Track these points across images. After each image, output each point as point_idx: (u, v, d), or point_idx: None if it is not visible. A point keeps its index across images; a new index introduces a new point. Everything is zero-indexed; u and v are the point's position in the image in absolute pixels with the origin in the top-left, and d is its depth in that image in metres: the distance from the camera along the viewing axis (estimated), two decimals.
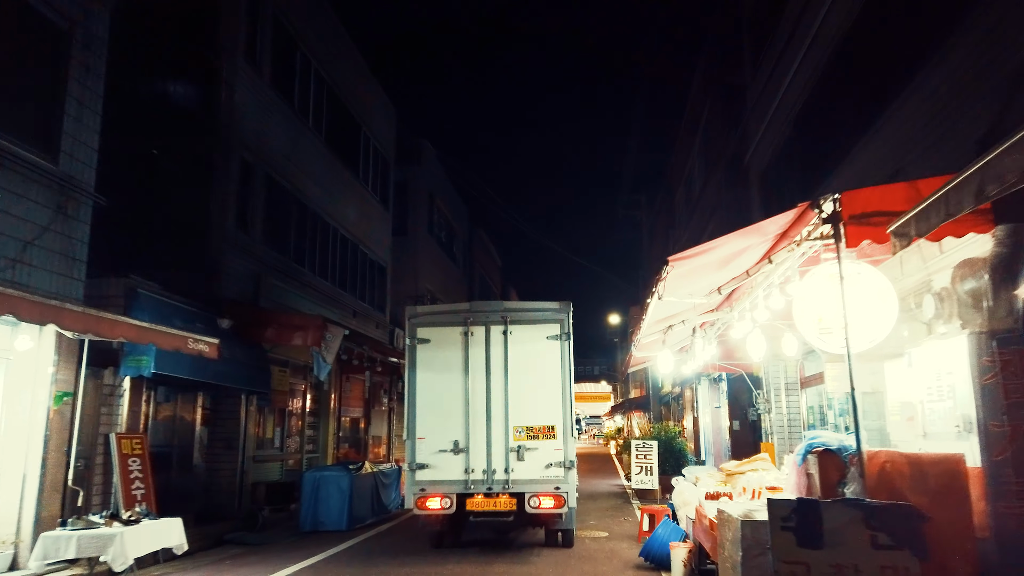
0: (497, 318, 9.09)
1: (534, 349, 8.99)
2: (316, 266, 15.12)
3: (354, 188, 17.74)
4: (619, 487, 18.49)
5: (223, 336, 10.58)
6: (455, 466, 8.77)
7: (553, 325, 9.07)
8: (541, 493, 8.67)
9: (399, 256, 23.76)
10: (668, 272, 5.16)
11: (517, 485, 8.71)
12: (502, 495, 8.73)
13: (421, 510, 8.74)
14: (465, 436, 8.84)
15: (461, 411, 8.89)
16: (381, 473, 12.64)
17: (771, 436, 12.85)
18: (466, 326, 9.06)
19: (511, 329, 9.05)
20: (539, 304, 9.26)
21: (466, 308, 9.41)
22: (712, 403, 21.47)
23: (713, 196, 18.28)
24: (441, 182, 27.59)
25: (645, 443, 14.84)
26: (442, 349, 9.06)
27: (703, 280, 6.03)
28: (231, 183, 11.57)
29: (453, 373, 8.99)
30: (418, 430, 8.98)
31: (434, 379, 9.01)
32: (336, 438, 15.71)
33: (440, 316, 9.36)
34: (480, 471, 8.77)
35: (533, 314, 9.16)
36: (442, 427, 8.88)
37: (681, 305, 7.11)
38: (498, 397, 8.92)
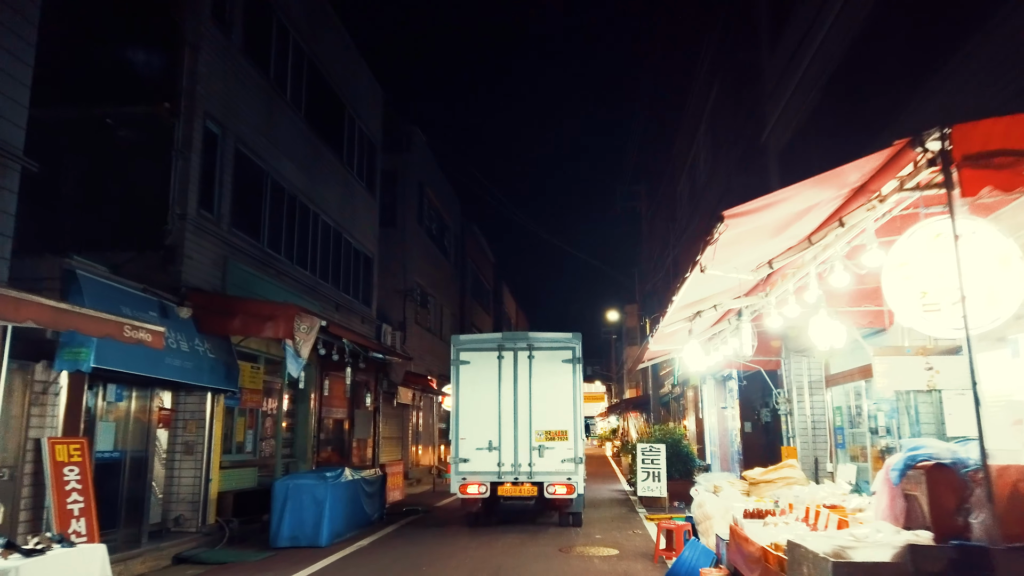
0: (523, 345, 11.62)
1: (552, 369, 11.45)
2: (294, 253, 13.89)
3: (337, 172, 16.51)
4: (621, 493, 17.32)
5: (182, 328, 9.35)
6: (489, 460, 11.20)
7: (567, 351, 11.54)
8: (557, 483, 11.00)
9: (388, 248, 22.54)
10: (720, 233, 3.98)
11: (538, 476, 11.12)
12: (526, 484, 11.12)
13: (463, 494, 11.20)
14: (497, 437, 11.27)
15: (495, 417, 11.32)
16: (363, 480, 11.42)
17: (793, 440, 11.70)
18: (499, 351, 11.57)
19: (534, 354, 11.57)
20: (556, 335, 11.77)
21: (499, 337, 11.91)
22: (718, 403, 20.33)
23: (721, 182, 17.15)
24: (432, 172, 26.38)
25: (652, 447, 13.68)
26: (480, 369, 11.54)
27: (751, 252, 4.88)
28: (193, 156, 10.32)
29: (488, 388, 11.45)
30: (461, 432, 11.37)
31: (473, 392, 11.49)
32: (316, 441, 14.48)
33: (478, 343, 11.91)
34: (509, 464, 11.18)
35: (551, 342, 11.61)
36: (479, 430, 11.31)
37: (713, 286, 5.94)
38: (523, 407, 11.38)
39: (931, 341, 7.36)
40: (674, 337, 8.22)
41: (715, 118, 18.02)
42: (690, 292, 5.62)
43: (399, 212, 23.22)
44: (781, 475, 9.53)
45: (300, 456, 14.07)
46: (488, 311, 41.44)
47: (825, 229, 4.51)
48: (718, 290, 6.07)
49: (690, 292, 5.62)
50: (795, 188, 3.87)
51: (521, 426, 11.31)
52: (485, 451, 11.23)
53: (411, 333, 22.86)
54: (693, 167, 21.42)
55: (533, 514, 11.54)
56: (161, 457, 10.23)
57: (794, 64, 11.26)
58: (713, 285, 5.74)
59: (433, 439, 25.75)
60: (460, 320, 32.29)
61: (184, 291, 9.86)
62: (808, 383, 11.62)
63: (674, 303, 5.84)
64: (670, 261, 25.89)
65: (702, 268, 4.50)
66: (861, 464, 10.64)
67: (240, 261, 11.65)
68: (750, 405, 15.87)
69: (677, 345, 10.07)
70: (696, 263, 4.56)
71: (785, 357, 12.01)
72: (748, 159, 14.72)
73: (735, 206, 3.99)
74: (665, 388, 28.01)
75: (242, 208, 11.87)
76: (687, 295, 5.71)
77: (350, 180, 17.40)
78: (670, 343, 9.38)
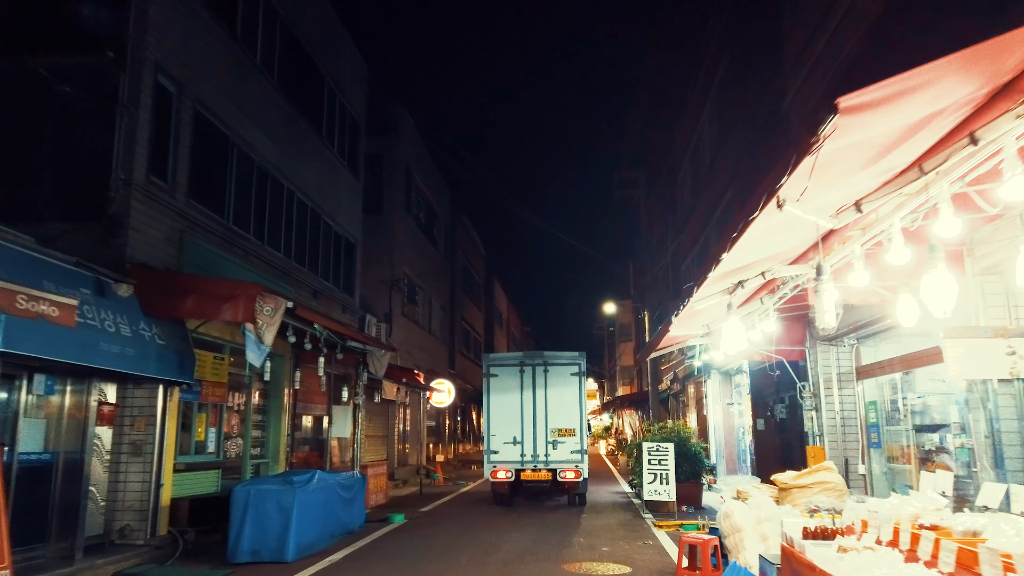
0: (540, 362, 14.24)
1: (562, 381, 14.06)
2: (265, 233, 12.57)
3: (316, 148, 15.19)
4: (622, 496, 16.09)
5: (124, 309, 8.03)
6: (514, 452, 13.77)
7: (574, 366, 14.19)
8: (567, 469, 13.60)
9: (373, 236, 21.24)
10: (826, 137, 2.73)
11: (552, 464, 13.70)
12: (543, 470, 13.70)
13: (494, 479, 13.73)
14: (520, 433, 13.86)
15: (518, 418, 13.91)
16: (339, 484, 10.13)
17: (820, 438, 10.50)
18: (520, 366, 14.20)
19: (548, 369, 14.18)
20: (565, 353, 14.38)
21: (521, 355, 14.62)
22: (723, 399, 19.15)
23: (730, 162, 15.95)
24: (421, 157, 25.07)
25: (659, 446, 12.44)
26: (506, 380, 14.15)
27: (837, 186, 3.64)
28: (142, 114, 9.00)
29: (512, 395, 14.05)
30: (491, 430, 13.97)
31: (501, 399, 14.08)
32: (291, 440, 13.17)
33: (504, 359, 14.64)
34: (529, 455, 13.76)
35: (562, 359, 14.25)
36: (506, 428, 13.90)
37: (768, 245, 4.70)
38: (540, 410, 13.96)
39: (1012, 320, 6.16)
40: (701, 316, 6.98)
41: (723, 94, 16.82)
42: (746, 250, 4.38)
43: (385, 198, 21.93)
44: (817, 480, 8.31)
45: (272, 457, 12.77)
46: (479, 306, 40.17)
47: (946, 151, 3.27)
48: (771, 252, 4.84)
49: (746, 250, 4.38)
50: (933, 67, 2.62)
51: (539, 425, 13.98)
52: (511, 445, 13.90)
53: (398, 325, 21.57)
54: (696, 151, 20.22)
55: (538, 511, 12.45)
56: (103, 459, 8.91)
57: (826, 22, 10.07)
58: (768, 244, 4.52)
59: (421, 438, 24.46)
60: (450, 314, 31.01)
61: (128, 268, 8.54)
62: (837, 375, 10.43)
63: (719, 266, 4.59)
64: (671, 253, 24.72)
65: (780, 202, 3.26)
66: (898, 466, 9.46)
67: (200, 238, 10.33)
68: (763, 400, 14.68)
69: (695, 331, 8.84)
70: (772, 194, 3.30)
71: (810, 346, 10.82)
72: (763, 133, 13.51)
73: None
74: (664, 384, 26.83)
75: (203, 179, 10.55)
76: (741, 255, 4.47)
77: (330, 158, 16.08)
78: (692, 326, 8.14)
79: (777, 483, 8.35)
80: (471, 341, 36.80)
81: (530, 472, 13.76)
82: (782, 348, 10.90)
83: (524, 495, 15.18)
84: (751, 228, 3.84)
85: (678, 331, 8.14)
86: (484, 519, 12.24)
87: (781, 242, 4.50)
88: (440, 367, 26.95)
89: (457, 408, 32.74)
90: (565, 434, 13.87)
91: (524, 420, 13.95)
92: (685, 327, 7.88)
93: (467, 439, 35.51)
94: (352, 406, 13.36)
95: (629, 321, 48.38)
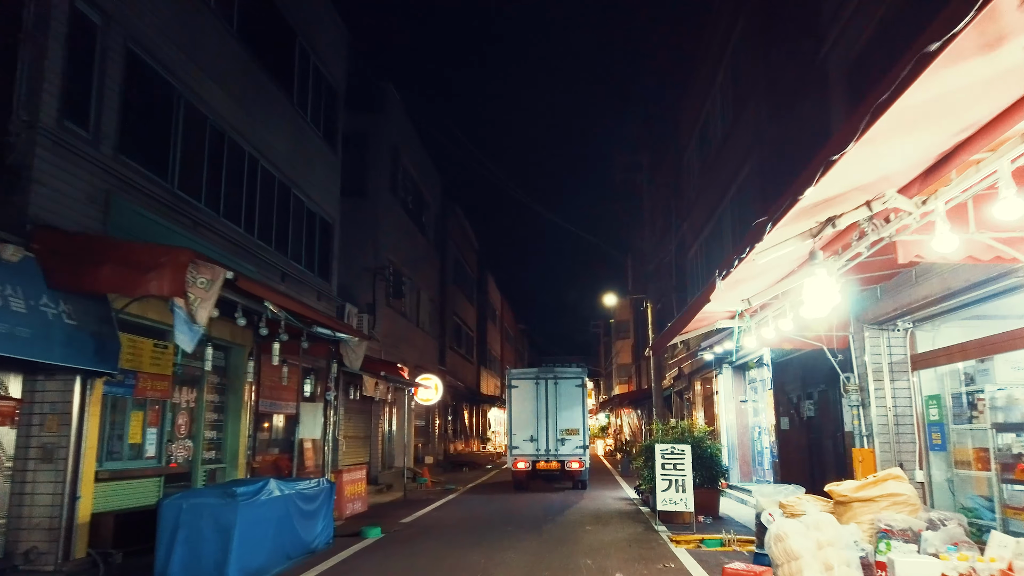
0: (551, 375, 17.84)
1: (568, 391, 17.67)
2: (221, 203, 10.93)
3: (286, 114, 13.56)
4: (628, 503, 14.49)
5: (18, 279, 6.40)
6: (531, 447, 17.31)
7: (578, 379, 17.97)
8: (572, 460, 17.12)
9: (356, 220, 19.60)
10: None
11: (561, 456, 17.22)
12: (553, 461, 17.21)
13: (514, 468, 17.38)
14: (536, 432, 17.35)
15: (534, 420, 17.43)
16: (299, 495, 8.50)
17: (868, 440, 8.93)
18: (536, 379, 17.84)
19: (558, 381, 17.74)
20: (571, 369, 18.44)
21: (536, 370, 18.36)
22: (736, 396, 17.58)
23: (745, 136, 14.38)
24: (408, 138, 23.43)
25: (674, 449, 10.85)
26: (524, 390, 17.70)
27: None
28: (52, 44, 7.34)
29: (530, 402, 17.58)
30: (513, 430, 17.55)
31: (521, 405, 17.63)
32: (252, 442, 11.53)
33: (523, 374, 18.39)
34: (543, 449, 17.26)
35: (568, 374, 17.98)
36: (525, 428, 17.46)
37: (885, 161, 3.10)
38: (552, 414, 17.48)
39: None
40: (776, 266, 5.34)
41: (739, 60, 15.24)
42: (857, 165, 2.77)
43: (370, 180, 20.30)
44: (885, 491, 6.72)
45: (230, 461, 11.13)
46: (471, 301, 38.55)
47: None
48: (878, 172, 3.25)
49: (857, 165, 2.77)
50: None
51: (550, 426, 17.43)
52: (528, 441, 17.38)
53: (382, 317, 19.94)
54: (706, 128, 18.64)
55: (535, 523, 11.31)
56: (3, 466, 7.27)
57: None
58: (893, 149, 2.92)
59: (408, 438, 22.82)
60: (440, 308, 29.38)
61: (30, 229, 6.90)
62: (888, 365, 8.87)
63: (824, 180, 2.94)
64: (675, 244, 23.15)
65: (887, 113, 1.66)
66: (970, 472, 7.89)
67: (134, 201, 8.68)
68: (787, 396, 13.12)
69: (733, 306, 7.24)
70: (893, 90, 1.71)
71: (855, 331, 9.25)
72: (795, 94, 11.93)
73: None
74: (667, 381, 25.26)
75: (138, 131, 8.89)
76: (848, 172, 2.86)
77: (303, 127, 14.43)
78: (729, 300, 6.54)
79: (834, 495, 6.77)
80: (463, 337, 35.17)
81: (543, 463, 17.43)
82: (819, 334, 9.34)
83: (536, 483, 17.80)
84: (888, 115, 2.25)
85: (717, 306, 6.53)
86: (473, 533, 10.64)
87: (902, 152, 2.92)
88: (429, 363, 25.32)
89: (448, 407, 31.12)
90: (571, 433, 17.50)
91: (539, 422, 17.57)
92: (723, 301, 6.28)
93: (459, 439, 33.86)
94: (323, 403, 11.72)
95: (627, 318, 46.82)
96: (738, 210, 15.41)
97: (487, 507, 14.18)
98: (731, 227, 16.06)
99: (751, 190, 14.22)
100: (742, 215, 15.14)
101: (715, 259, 17.95)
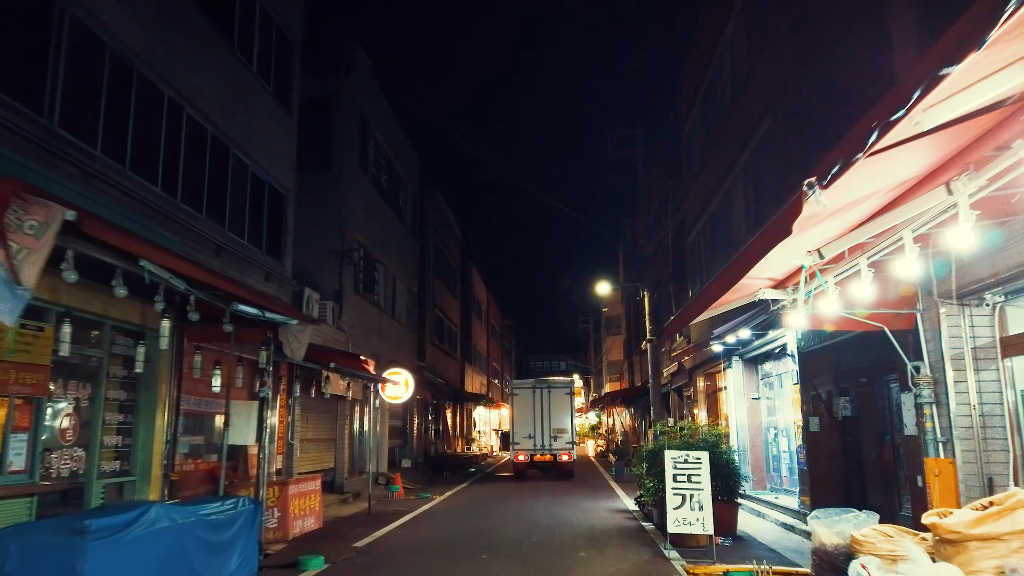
0: (546, 385, 22.67)
1: (559, 397, 22.37)
2: (127, 153, 8.80)
3: (224, 59, 11.45)
4: (627, 517, 12.49)
5: None
6: (529, 443, 21.88)
7: (567, 388, 22.92)
8: (562, 453, 21.72)
9: (319, 196, 17.52)
10: None
11: (553, 451, 21.76)
12: (547, 454, 21.75)
13: (515, 460, 22.06)
14: (533, 431, 21.93)
15: (531, 421, 22.04)
16: (203, 523, 6.41)
17: (947, 447, 6.95)
18: (534, 388, 22.52)
19: (551, 390, 22.46)
20: (562, 379, 24.96)
21: (534, 381, 23.45)
22: (748, 393, 15.61)
23: (763, 88, 12.39)
24: (380, 108, 21.28)
25: (689, 456, 8.84)
26: (523, 396, 22.40)
27: None
28: None
29: (528, 406, 22.23)
30: (515, 428, 22.27)
31: (521, 410, 22.32)
32: (171, 450, 9.40)
33: (523, 384, 23.11)
34: (539, 445, 21.83)
35: (560, 384, 23.08)
36: (525, 427, 22.06)
37: None
38: (546, 416, 22.07)
39: None
40: (847, 214, 3.32)
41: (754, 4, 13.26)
42: None
43: (335, 151, 18.17)
44: (1017, 527, 4.77)
45: (141, 474, 9.01)
46: (455, 294, 36.44)
47: None
48: None
49: None
50: None
51: (544, 425, 21.80)
52: (527, 439, 21.81)
53: (350, 306, 17.83)
54: (712, 89, 16.66)
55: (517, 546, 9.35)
56: None
57: None
58: None
59: (382, 440, 20.70)
60: (420, 299, 27.26)
61: None
62: (971, 350, 6.89)
63: None
64: (672, 228, 21.18)
65: None
66: None
67: None
68: (816, 392, 11.14)
69: (800, 259, 5.22)
70: None
71: (925, 307, 7.27)
72: (823, 34, 9.95)
73: None
74: (663, 377, 23.28)
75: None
76: None
77: (248, 79, 12.31)
78: (792, 252, 4.53)
79: (939, 530, 4.77)
80: (445, 331, 33.05)
81: (539, 456, 21.76)
82: (876, 312, 7.36)
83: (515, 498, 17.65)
84: None
85: (781, 255, 4.49)
86: (438, 564, 8.58)
87: None
88: (406, 358, 23.21)
89: (429, 405, 29.02)
90: (561, 432, 21.96)
91: (535, 422, 21.96)
92: (788, 251, 4.24)
93: (441, 440, 31.75)
94: (260, 402, 9.59)
95: (618, 313, 44.88)
96: (752, 177, 13.44)
97: (462, 523, 12.12)
98: (743, 199, 14.08)
99: (769, 152, 12.26)
100: (757, 183, 13.18)
101: (721, 241, 15.98)
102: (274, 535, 10.44)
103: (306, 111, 16.93)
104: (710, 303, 6.20)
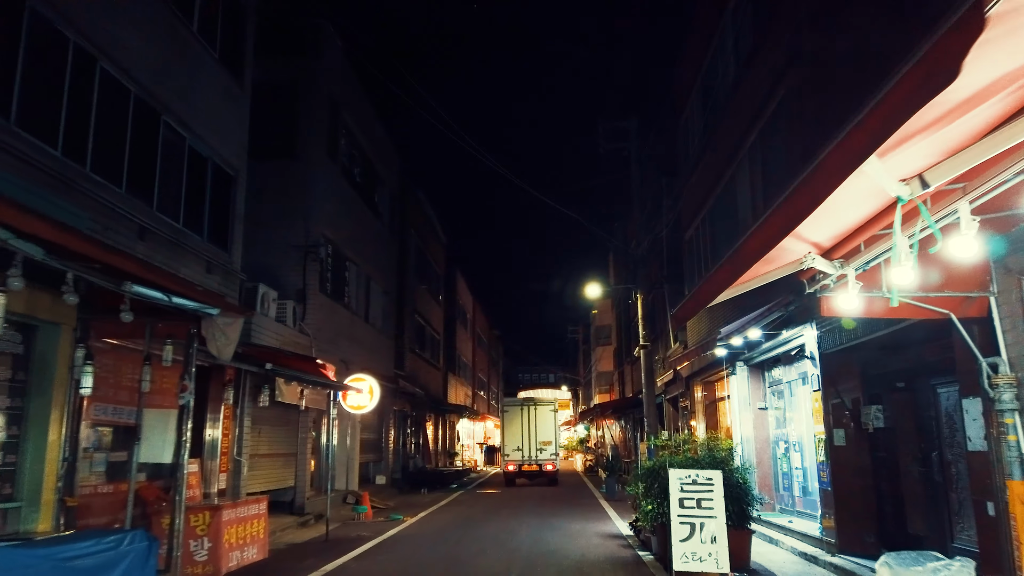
0: (532, 403, 26.66)
1: (544, 414, 26.22)
2: (12, 106, 7.22)
3: (155, 11, 9.90)
4: (621, 545, 10.89)
5: None
6: (518, 455, 25.52)
7: (552, 405, 26.99)
8: (547, 463, 25.39)
9: (282, 186, 16.01)
10: None
11: (539, 461, 25.35)
12: (534, 464, 25.33)
13: (505, 470, 25.86)
14: (521, 443, 25.58)
15: (520, 435, 25.71)
16: (61, 570, 4.77)
17: None
18: (522, 405, 26.48)
19: (537, 407, 26.34)
20: (547, 399, 29.53)
21: (522, 399, 28.02)
22: (754, 402, 14.08)
23: (774, 60, 10.96)
24: (352, 93, 19.74)
25: (699, 477, 7.28)
26: (512, 413, 26.22)
27: None
28: None
29: (517, 422, 25.92)
30: (506, 440, 26.03)
31: (511, 426, 25.99)
32: (69, 468, 7.74)
33: (513, 401, 27.52)
34: (526, 456, 25.45)
35: (545, 402, 27.16)
36: (514, 441, 25.72)
37: None
38: (532, 431, 25.70)
39: None
40: None
41: None
42: None
43: (300, 138, 16.63)
44: None
45: (29, 499, 7.35)
46: (438, 300, 34.83)
47: None
48: None
49: None
50: None
51: (531, 439, 25.63)
52: (516, 451, 25.60)
53: (315, 307, 16.22)
54: (712, 70, 15.24)
55: None
56: None
57: None
58: None
59: (352, 455, 19.02)
60: (399, 303, 25.63)
61: None
62: None
63: None
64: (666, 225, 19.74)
65: None
66: None
67: None
68: (840, 400, 9.62)
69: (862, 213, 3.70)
70: None
71: (1001, 289, 5.79)
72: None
73: None
74: (657, 388, 21.74)
75: None
76: None
77: (187, 39, 10.75)
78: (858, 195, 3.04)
79: None
80: (427, 339, 31.38)
81: (527, 466, 25.15)
82: (935, 296, 5.86)
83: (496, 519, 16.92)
84: None
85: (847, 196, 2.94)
86: None
87: None
88: (381, 365, 21.55)
89: (408, 416, 27.33)
90: (546, 444, 25.56)
91: (523, 436, 25.47)
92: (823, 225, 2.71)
93: (421, 456, 29.97)
94: (179, 411, 7.94)
95: (608, 323, 43.40)
96: (760, 161, 11.98)
97: (431, 552, 10.50)
98: (748, 187, 12.62)
99: (781, 126, 10.81)
100: (766, 167, 11.73)
101: (722, 237, 14.54)
102: (203, 570, 8.78)
103: (270, 95, 15.44)
104: (738, 275, 4.66)
